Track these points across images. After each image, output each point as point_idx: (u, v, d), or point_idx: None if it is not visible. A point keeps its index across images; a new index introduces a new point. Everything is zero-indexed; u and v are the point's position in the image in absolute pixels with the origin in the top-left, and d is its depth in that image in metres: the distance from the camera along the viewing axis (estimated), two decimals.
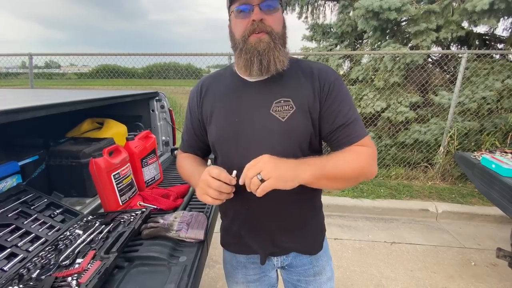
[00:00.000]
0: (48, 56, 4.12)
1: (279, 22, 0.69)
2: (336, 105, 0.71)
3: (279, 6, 0.70)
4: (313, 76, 0.72)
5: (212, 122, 0.78)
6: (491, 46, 4.19)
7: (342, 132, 0.71)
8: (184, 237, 0.86)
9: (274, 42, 0.67)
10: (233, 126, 0.73)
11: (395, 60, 3.57)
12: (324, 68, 0.74)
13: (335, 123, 0.71)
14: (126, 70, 4.75)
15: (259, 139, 0.71)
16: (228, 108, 0.75)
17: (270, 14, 0.67)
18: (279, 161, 0.61)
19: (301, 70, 0.74)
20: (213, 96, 0.79)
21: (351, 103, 0.73)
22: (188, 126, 0.86)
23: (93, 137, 1.36)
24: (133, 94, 1.58)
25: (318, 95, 0.71)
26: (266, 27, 0.66)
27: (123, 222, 0.92)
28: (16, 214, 0.83)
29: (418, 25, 3.45)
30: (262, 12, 0.66)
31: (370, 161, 0.69)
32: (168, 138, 2.06)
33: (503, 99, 3.40)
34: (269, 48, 0.66)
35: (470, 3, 3.18)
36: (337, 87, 0.72)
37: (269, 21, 0.67)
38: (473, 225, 2.70)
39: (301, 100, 0.70)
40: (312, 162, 0.64)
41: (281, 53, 0.68)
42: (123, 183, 1.06)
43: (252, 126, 0.72)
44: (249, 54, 0.68)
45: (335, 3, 4.81)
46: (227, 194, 0.66)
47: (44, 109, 0.90)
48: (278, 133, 0.70)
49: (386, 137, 3.85)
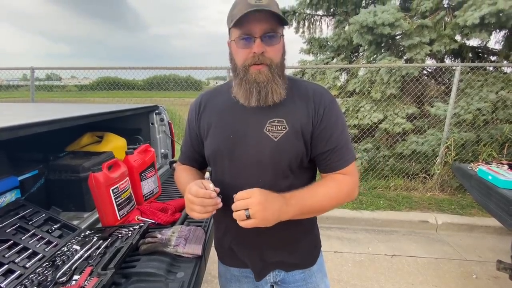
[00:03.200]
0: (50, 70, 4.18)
1: (279, 53, 0.70)
2: (329, 128, 0.72)
3: (280, 35, 0.70)
4: (308, 98, 0.74)
5: (209, 136, 0.80)
6: (484, 58, 4.29)
7: (331, 156, 0.73)
8: (182, 252, 0.86)
9: (273, 74, 0.69)
10: (227, 142, 0.75)
11: (391, 73, 3.64)
12: (319, 90, 0.76)
13: (326, 146, 0.73)
14: (126, 82, 4.81)
15: (251, 158, 0.73)
16: (224, 124, 0.77)
17: (271, 46, 0.68)
18: (267, 204, 0.63)
19: (297, 91, 0.76)
20: (211, 111, 0.81)
21: (344, 126, 0.75)
22: (186, 138, 0.89)
23: (93, 151, 1.37)
24: (133, 108, 1.61)
25: (312, 117, 0.72)
26: (266, 59, 0.68)
27: (120, 237, 0.92)
28: (14, 230, 0.83)
29: (412, 39, 3.54)
30: (263, 44, 0.67)
31: (350, 191, 0.74)
32: (167, 150, 2.07)
33: (497, 110, 3.45)
34: (268, 80, 0.68)
35: (461, 18, 3.28)
36: (331, 110, 0.73)
37: (270, 53, 0.68)
38: (473, 236, 2.68)
39: (294, 121, 0.72)
40: (291, 198, 0.67)
41: (279, 85, 0.70)
42: (122, 197, 1.07)
43: (246, 143, 0.73)
44: (248, 84, 0.69)
45: (331, 18, 4.95)
46: (212, 206, 0.67)
47: (46, 125, 0.92)
48: (269, 152, 0.71)
49: (384, 148, 3.87)
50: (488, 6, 3.04)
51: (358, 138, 3.94)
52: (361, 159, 3.79)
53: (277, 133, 0.71)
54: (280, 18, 0.66)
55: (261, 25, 0.66)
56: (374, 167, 3.74)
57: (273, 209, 0.63)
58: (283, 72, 0.73)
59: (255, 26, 0.66)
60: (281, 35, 0.70)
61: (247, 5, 0.65)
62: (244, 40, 0.68)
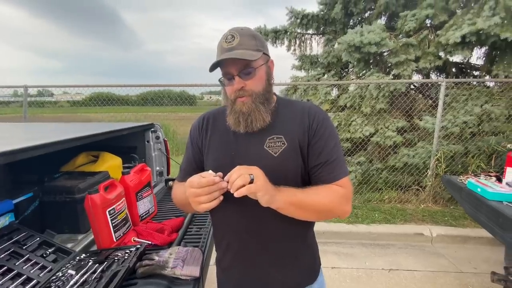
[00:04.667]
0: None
1: (259, 82, 0.76)
2: (322, 142, 0.76)
3: (260, 63, 0.75)
4: (304, 114, 0.79)
5: (210, 153, 0.83)
6: (467, 73, 4.49)
7: (324, 169, 0.76)
8: (179, 275, 0.85)
9: (255, 103, 0.75)
10: (229, 159, 0.78)
11: (379, 88, 3.77)
12: (314, 108, 0.82)
13: (319, 159, 0.76)
14: (120, 97, 4.81)
15: None
16: (226, 142, 0.81)
17: (250, 79, 0.74)
18: (266, 178, 0.67)
19: (293, 109, 0.81)
20: (213, 129, 0.86)
21: (337, 142, 0.79)
22: (188, 156, 0.91)
23: (88, 171, 1.37)
24: (129, 127, 1.62)
25: (307, 131, 0.77)
26: (247, 92, 0.75)
27: (117, 260, 0.91)
28: (8, 255, 0.82)
29: (398, 57, 3.70)
30: (242, 80, 0.74)
31: (342, 200, 0.74)
32: (162, 168, 2.07)
33: (483, 123, 3.58)
34: (251, 109, 0.75)
35: (443, 37, 3.46)
36: (324, 125, 0.78)
37: (250, 86, 0.75)
38: (467, 248, 2.70)
39: (292, 136, 0.76)
40: (285, 189, 0.70)
41: (262, 112, 0.75)
42: (118, 218, 1.06)
43: (247, 159, 0.76)
44: (236, 114, 0.76)
45: (320, 36, 5.14)
46: (219, 191, 0.67)
47: (42, 149, 0.92)
48: (270, 167, 0.73)
49: (377, 161, 3.93)
50: (468, 26, 3.23)
51: (352, 152, 4.00)
52: (355, 172, 3.84)
53: (276, 149, 0.76)
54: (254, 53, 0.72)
55: (235, 66, 0.73)
56: (368, 180, 3.79)
57: (270, 184, 0.67)
58: (267, 98, 0.78)
59: (231, 67, 0.74)
60: (261, 65, 0.75)
61: (221, 50, 0.74)
62: (226, 79, 0.76)
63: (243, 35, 0.74)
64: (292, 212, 0.72)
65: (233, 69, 0.74)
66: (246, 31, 0.75)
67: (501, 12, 3.11)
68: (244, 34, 0.74)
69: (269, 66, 0.80)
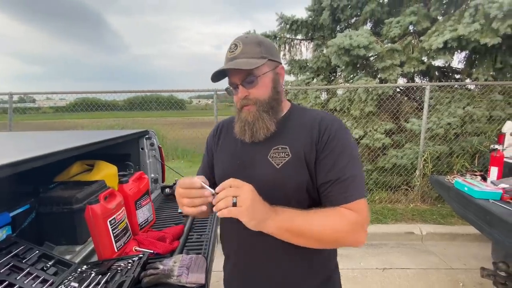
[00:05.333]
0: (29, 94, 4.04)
1: (263, 90, 0.73)
2: (333, 156, 0.68)
3: (264, 70, 0.72)
4: (314, 125, 0.73)
5: (219, 161, 0.84)
6: (449, 76, 4.70)
7: (333, 188, 0.67)
8: (185, 282, 0.85)
9: (260, 112, 0.73)
10: (235, 168, 0.77)
11: (367, 92, 3.88)
12: (328, 117, 0.74)
13: (328, 176, 0.68)
14: (106, 103, 4.71)
15: (255, 183, 0.70)
16: (234, 150, 0.80)
17: (254, 88, 0.72)
18: (257, 200, 0.61)
19: (304, 119, 0.76)
20: (224, 137, 0.87)
21: (352, 158, 0.69)
22: (203, 163, 0.92)
23: (84, 180, 1.34)
24: (124, 135, 1.60)
25: (315, 143, 0.70)
26: (251, 100, 0.73)
27: (120, 271, 0.90)
28: (8, 269, 0.79)
29: (384, 62, 3.83)
30: (245, 89, 0.72)
31: (352, 228, 0.64)
32: (157, 175, 2.06)
33: (466, 124, 3.74)
34: (255, 118, 0.73)
35: (426, 43, 3.62)
36: (337, 137, 0.70)
37: (254, 94, 0.73)
38: (456, 245, 2.80)
39: (298, 148, 0.71)
40: (282, 212, 0.64)
41: (266, 121, 0.73)
42: (119, 228, 1.05)
43: (252, 169, 0.75)
44: (242, 123, 0.75)
45: (309, 41, 5.25)
46: (199, 199, 0.62)
47: (39, 160, 0.90)
48: (272, 179, 0.71)
49: (367, 163, 4.03)
50: (450, 32, 3.38)
51: None
52: None
53: (279, 160, 0.71)
54: (258, 60, 0.70)
55: (238, 75, 0.72)
56: None
57: (260, 208, 0.60)
58: (273, 106, 0.75)
59: (234, 76, 0.73)
60: (266, 72, 0.73)
61: (226, 59, 0.74)
62: (232, 88, 0.75)
63: (247, 44, 0.72)
64: (288, 239, 0.65)
65: (236, 79, 0.73)
66: (251, 38, 0.74)
67: (481, 19, 3.28)
68: (248, 42, 0.72)
69: (277, 72, 0.76)
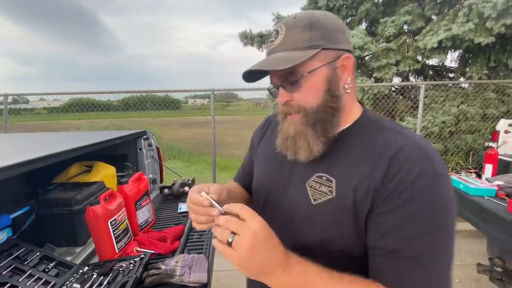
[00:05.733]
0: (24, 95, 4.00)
1: (312, 94, 0.52)
2: (397, 217, 0.45)
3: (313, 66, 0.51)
4: (383, 156, 0.48)
5: (256, 165, 0.73)
6: (443, 75, 4.76)
7: (386, 260, 0.46)
8: (187, 282, 0.86)
9: (304, 125, 0.53)
10: (268, 182, 0.64)
11: (363, 91, 3.92)
12: (411, 150, 0.47)
13: (381, 242, 0.47)
14: (100, 103, 4.69)
15: (284, 211, 0.59)
16: (272, 159, 0.65)
17: (298, 91, 0.52)
18: (258, 248, 0.43)
19: (374, 141, 0.51)
20: (268, 137, 0.72)
21: (435, 230, 0.44)
22: (245, 158, 0.82)
23: (83, 182, 1.34)
24: (122, 135, 1.60)
25: (375, 189, 0.47)
26: (294, 108, 0.54)
27: (122, 271, 0.90)
28: (10, 272, 0.79)
29: (380, 61, 3.88)
30: (287, 92, 0.54)
31: None
32: (155, 175, 2.05)
33: (460, 122, 3.80)
34: (297, 133, 0.54)
35: (421, 42, 3.66)
36: (416, 190, 0.44)
37: (297, 100, 0.53)
38: None
39: (347, 187, 0.50)
40: (297, 270, 0.45)
41: (309, 137, 0.53)
42: (119, 229, 1.05)
43: (285, 191, 0.59)
44: (284, 135, 0.57)
45: None
46: (204, 217, 0.52)
47: (38, 162, 0.90)
48: (302, 215, 0.55)
49: None
50: (444, 32, 3.43)
51: None
52: None
53: (319, 195, 0.53)
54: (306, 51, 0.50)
55: (277, 73, 0.54)
56: None
57: (259, 259, 0.44)
58: (324, 117, 0.53)
59: (273, 75, 0.56)
60: (316, 69, 0.51)
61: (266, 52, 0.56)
62: (272, 89, 0.58)
63: (292, 28, 0.51)
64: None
65: (275, 78, 0.55)
66: (300, 19, 0.51)
67: (475, 18, 3.33)
68: (294, 26, 0.51)
69: (336, 67, 0.52)
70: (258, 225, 0.45)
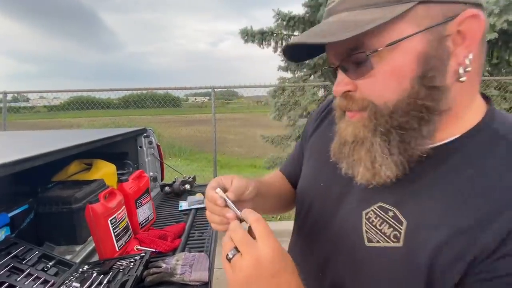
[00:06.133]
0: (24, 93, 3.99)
1: (391, 83, 0.33)
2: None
3: (398, 34, 0.31)
4: (507, 211, 0.29)
5: (305, 163, 0.58)
6: None
7: None
8: (188, 281, 0.85)
9: (371, 130, 0.35)
10: (314, 191, 0.51)
11: None
12: None
13: None
14: (100, 101, 4.68)
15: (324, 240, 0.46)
16: (324, 160, 0.48)
17: (366, 77, 0.34)
18: (263, 278, 0.34)
19: (496, 176, 0.31)
20: (323, 129, 0.55)
21: None
22: (296, 146, 0.68)
23: (82, 180, 1.33)
24: (122, 133, 1.59)
25: (475, 255, 0.29)
26: (358, 102, 0.36)
27: (122, 270, 0.89)
28: (8, 271, 0.78)
29: None
30: (348, 78, 0.36)
31: None
32: (156, 173, 2.04)
33: None
34: (357, 138, 0.37)
35: None
36: None
37: (364, 90, 0.35)
38: None
39: (426, 241, 0.32)
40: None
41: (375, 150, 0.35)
42: (119, 227, 1.04)
43: (330, 212, 0.46)
44: (342, 139, 0.41)
45: None
46: (218, 217, 0.46)
47: (37, 159, 0.89)
48: (346, 256, 0.41)
49: None
50: None
51: None
52: None
53: (378, 237, 0.37)
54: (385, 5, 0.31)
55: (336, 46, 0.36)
56: None
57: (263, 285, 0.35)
58: (408, 120, 0.33)
59: (330, 49, 0.38)
60: (401, 39, 0.31)
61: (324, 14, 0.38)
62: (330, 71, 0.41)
63: None
64: None
65: (332, 54, 0.38)
66: None
67: None
68: None
69: (444, 36, 0.31)
70: (267, 251, 0.34)
